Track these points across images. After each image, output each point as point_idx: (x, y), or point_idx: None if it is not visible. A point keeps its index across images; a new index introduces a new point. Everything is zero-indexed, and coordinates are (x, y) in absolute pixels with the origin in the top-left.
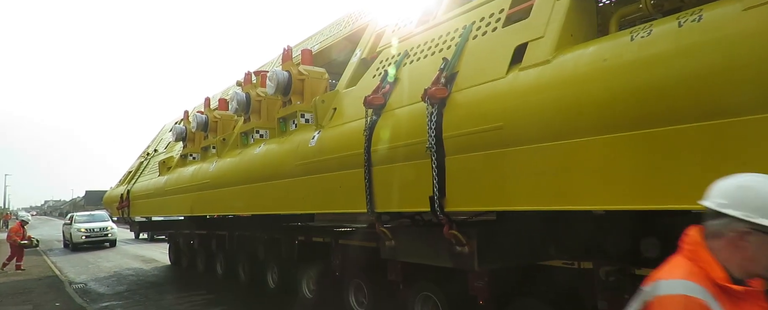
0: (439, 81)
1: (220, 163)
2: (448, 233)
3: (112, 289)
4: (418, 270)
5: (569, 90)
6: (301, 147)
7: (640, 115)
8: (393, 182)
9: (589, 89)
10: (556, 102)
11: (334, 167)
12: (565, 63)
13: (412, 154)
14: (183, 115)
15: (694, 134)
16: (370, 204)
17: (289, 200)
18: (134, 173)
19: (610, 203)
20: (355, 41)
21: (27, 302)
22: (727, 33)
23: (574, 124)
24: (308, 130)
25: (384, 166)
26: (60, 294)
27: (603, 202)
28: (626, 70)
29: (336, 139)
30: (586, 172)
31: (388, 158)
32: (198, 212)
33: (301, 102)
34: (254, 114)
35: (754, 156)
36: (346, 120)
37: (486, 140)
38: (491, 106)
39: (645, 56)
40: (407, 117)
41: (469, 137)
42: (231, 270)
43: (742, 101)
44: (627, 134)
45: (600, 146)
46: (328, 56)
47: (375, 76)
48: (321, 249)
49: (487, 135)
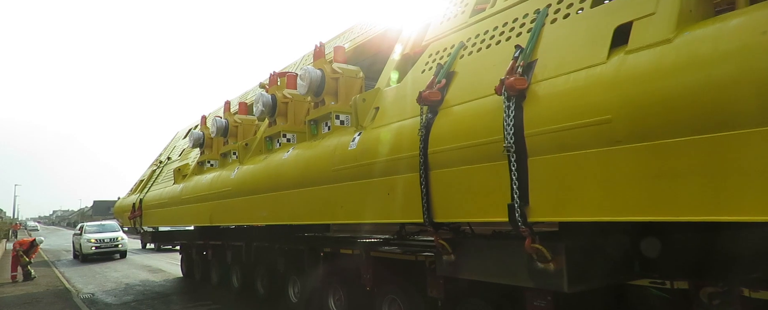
0: (515, 71)
1: (242, 169)
2: (530, 247)
3: (119, 299)
4: (465, 287)
5: (715, 71)
6: (338, 151)
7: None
8: (457, 187)
9: (750, 66)
10: (694, 87)
11: (379, 171)
12: (698, 41)
13: (481, 155)
14: (200, 121)
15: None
16: (427, 213)
17: (324, 208)
18: (146, 181)
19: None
20: (391, 38)
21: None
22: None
23: (727, 113)
24: (345, 133)
25: (445, 169)
26: (68, 304)
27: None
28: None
29: (381, 141)
30: (749, 173)
31: (449, 160)
32: (218, 221)
33: (335, 102)
34: (280, 117)
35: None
36: (392, 120)
37: (586, 137)
38: (591, 96)
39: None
40: (472, 113)
41: (560, 134)
42: (248, 283)
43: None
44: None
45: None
46: (361, 54)
47: (424, 71)
48: (349, 262)
49: (587, 131)
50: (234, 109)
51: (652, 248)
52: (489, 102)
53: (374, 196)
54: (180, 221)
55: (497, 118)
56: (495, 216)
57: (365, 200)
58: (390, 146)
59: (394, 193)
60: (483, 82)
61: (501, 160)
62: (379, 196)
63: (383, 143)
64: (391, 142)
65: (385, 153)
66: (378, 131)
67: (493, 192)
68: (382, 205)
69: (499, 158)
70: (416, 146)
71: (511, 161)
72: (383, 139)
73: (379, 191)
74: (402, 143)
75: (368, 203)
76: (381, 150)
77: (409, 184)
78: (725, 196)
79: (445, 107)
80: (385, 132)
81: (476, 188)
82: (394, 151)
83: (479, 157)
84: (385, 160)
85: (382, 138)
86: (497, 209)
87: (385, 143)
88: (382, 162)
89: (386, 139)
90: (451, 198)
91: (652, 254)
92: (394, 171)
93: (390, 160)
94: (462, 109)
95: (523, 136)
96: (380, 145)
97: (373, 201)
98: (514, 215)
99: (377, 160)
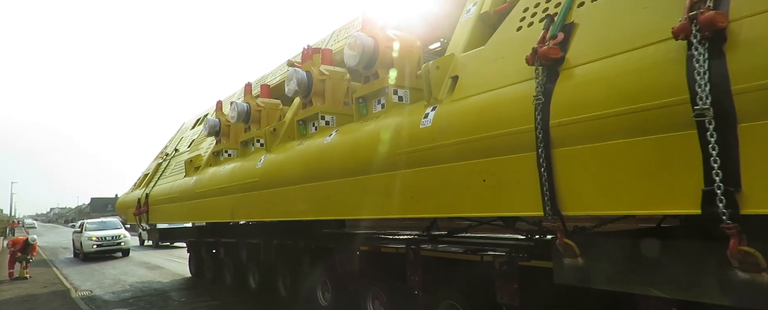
0: (699, 5)
1: (269, 158)
2: (736, 250)
3: (117, 296)
4: (549, 293)
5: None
6: (403, 131)
7: None
8: (600, 169)
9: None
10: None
11: (467, 153)
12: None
13: (647, 124)
14: (215, 106)
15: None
16: (549, 203)
17: (386, 200)
18: (152, 175)
19: None
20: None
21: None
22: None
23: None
24: (407, 110)
25: (579, 146)
26: (65, 301)
27: None
28: None
29: (468, 116)
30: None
31: (587, 134)
32: (241, 217)
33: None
34: (316, 97)
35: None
36: (481, 89)
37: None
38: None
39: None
40: (621, 71)
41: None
42: (267, 284)
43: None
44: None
45: None
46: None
47: (520, 28)
48: (392, 262)
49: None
50: (255, 91)
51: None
52: (652, 54)
53: (461, 183)
54: (194, 217)
55: (666, 76)
56: (676, 206)
57: (447, 189)
58: (483, 121)
59: (494, 178)
60: (633, 30)
61: (685, 129)
62: (470, 183)
63: (471, 118)
64: (483, 116)
65: (476, 130)
66: (461, 104)
67: (673, 174)
68: (474, 194)
69: (681, 128)
70: (528, 118)
71: (708, 131)
72: (470, 113)
73: (469, 177)
74: (503, 116)
75: (452, 191)
76: (469, 126)
77: (518, 167)
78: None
79: (567, 68)
80: (473, 104)
81: (639, 170)
82: (491, 127)
83: (642, 127)
84: (478, 138)
85: (468, 112)
86: (680, 196)
87: (475, 118)
88: (472, 141)
89: (475, 112)
90: (591, 184)
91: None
92: (492, 151)
93: (485, 138)
94: (598, 69)
95: (731, 93)
96: (467, 121)
97: (459, 189)
98: (714, 204)
99: (464, 139)
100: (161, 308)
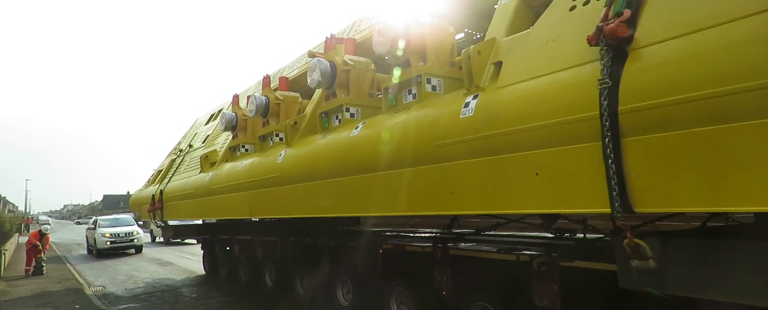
0: None
1: (290, 153)
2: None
3: (129, 292)
4: (588, 294)
5: None
6: (441, 122)
7: None
8: (686, 159)
9: None
10: None
11: (516, 144)
12: None
13: (734, 110)
14: (231, 100)
15: None
16: (619, 199)
17: (423, 195)
18: (166, 171)
19: None
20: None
21: (47, 305)
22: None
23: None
24: (445, 100)
25: (654, 135)
26: (79, 297)
27: None
28: None
29: (516, 104)
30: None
31: (664, 121)
32: (260, 214)
33: (423, 63)
34: (340, 88)
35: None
36: (530, 74)
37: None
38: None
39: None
40: (705, 50)
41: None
42: (285, 283)
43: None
44: None
45: None
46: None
47: (573, 7)
48: (417, 261)
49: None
50: (274, 84)
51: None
52: (746, 28)
53: (510, 177)
54: (210, 214)
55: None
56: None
57: (494, 183)
58: (534, 109)
59: (550, 171)
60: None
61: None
62: (521, 177)
63: (521, 106)
64: (535, 104)
65: (526, 119)
66: (507, 91)
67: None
68: (526, 188)
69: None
70: (591, 105)
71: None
72: (519, 101)
73: (520, 170)
74: (558, 103)
75: (501, 186)
76: (518, 115)
77: (578, 158)
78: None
79: (637, 47)
80: (521, 91)
81: (731, 161)
82: (544, 115)
83: (738, 111)
84: (530, 128)
85: (516, 99)
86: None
87: (525, 105)
88: (522, 131)
89: (525, 100)
90: (673, 177)
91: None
92: (546, 142)
93: (538, 127)
94: (682, 46)
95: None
96: (515, 109)
97: (508, 184)
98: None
99: (513, 129)
100: (173, 304)
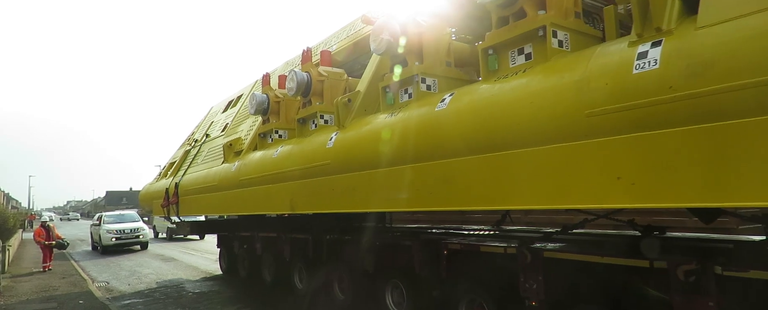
0: None
1: (344, 136)
2: None
3: (133, 287)
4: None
5: None
6: (597, 82)
7: None
8: None
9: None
10: None
11: (753, 104)
12: None
13: None
14: (262, 80)
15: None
16: None
17: (568, 181)
18: (179, 163)
19: None
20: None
21: (51, 300)
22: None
23: None
24: (587, 56)
25: None
26: (83, 293)
27: None
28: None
29: (749, 44)
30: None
31: None
32: (306, 208)
33: (544, 12)
34: (411, 55)
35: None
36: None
37: None
38: None
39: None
40: None
41: None
42: (318, 286)
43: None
44: None
45: None
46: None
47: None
48: (493, 264)
49: None
50: (315, 59)
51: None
52: None
53: (743, 153)
54: (237, 209)
55: None
56: None
57: (723, 163)
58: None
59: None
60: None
61: None
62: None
63: (756, 47)
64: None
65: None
66: (713, 33)
67: None
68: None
69: None
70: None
71: None
72: (750, 40)
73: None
74: None
75: (726, 167)
76: (754, 60)
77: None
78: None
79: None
80: (741, 30)
81: None
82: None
83: None
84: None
85: (743, 39)
86: None
87: (754, 49)
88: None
89: (749, 42)
90: None
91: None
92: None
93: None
94: None
95: None
96: (745, 54)
97: (736, 164)
98: None
99: (752, 81)
100: (176, 300)
